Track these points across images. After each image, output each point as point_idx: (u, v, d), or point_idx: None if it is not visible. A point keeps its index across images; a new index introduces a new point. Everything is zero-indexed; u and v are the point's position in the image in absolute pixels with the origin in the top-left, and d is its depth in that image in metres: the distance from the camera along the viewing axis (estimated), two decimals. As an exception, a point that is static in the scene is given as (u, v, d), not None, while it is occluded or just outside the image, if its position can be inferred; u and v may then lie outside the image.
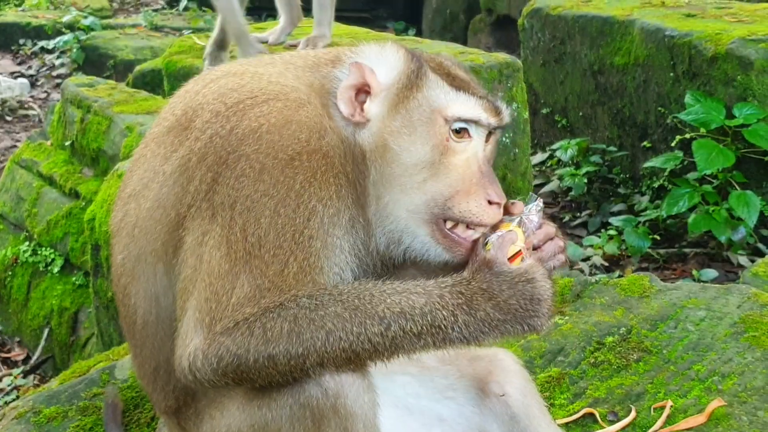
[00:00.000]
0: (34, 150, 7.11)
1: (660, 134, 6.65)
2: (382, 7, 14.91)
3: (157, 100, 6.50)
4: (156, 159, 2.41)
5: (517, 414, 2.65)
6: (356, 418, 2.23)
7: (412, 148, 2.35)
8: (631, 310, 3.85)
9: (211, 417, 2.42)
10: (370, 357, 2.21)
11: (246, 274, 2.19)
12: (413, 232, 2.38)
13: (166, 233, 2.35)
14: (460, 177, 2.35)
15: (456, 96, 2.39)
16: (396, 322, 2.17)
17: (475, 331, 2.22)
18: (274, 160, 2.22)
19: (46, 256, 6.42)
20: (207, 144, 2.28)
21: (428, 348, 2.22)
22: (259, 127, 2.25)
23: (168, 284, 2.39)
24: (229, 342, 2.17)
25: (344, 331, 2.16)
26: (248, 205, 2.21)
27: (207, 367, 2.18)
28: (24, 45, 13.48)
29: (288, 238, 2.20)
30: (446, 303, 2.20)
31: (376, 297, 2.20)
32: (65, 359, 6.13)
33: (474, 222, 2.35)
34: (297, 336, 2.15)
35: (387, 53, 2.42)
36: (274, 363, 2.16)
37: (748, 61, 5.96)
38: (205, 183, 2.26)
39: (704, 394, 3.34)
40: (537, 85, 7.86)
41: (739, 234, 5.76)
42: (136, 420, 3.53)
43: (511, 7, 11.57)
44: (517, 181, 5.89)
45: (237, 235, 2.20)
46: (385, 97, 2.39)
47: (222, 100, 2.34)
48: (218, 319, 2.18)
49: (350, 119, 2.38)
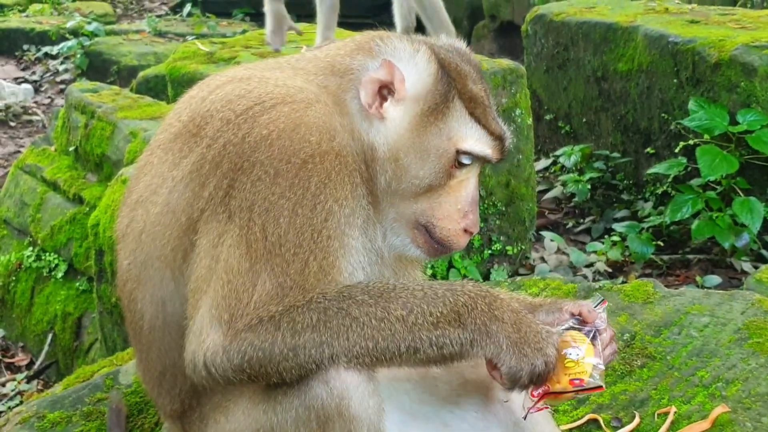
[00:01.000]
0: (37, 155, 7.12)
1: (663, 140, 6.65)
2: (387, 12, 14.90)
3: (160, 106, 6.51)
4: (164, 165, 2.42)
5: (520, 420, 2.64)
6: (360, 421, 2.23)
7: (420, 170, 2.42)
8: (635, 316, 3.85)
9: (216, 421, 2.43)
10: (389, 347, 2.23)
11: (267, 272, 2.21)
12: (397, 231, 2.49)
13: (175, 238, 2.36)
14: (451, 200, 2.46)
15: (474, 131, 2.47)
16: (418, 307, 2.23)
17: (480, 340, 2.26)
18: (287, 165, 2.24)
19: (50, 262, 6.42)
20: (221, 152, 2.30)
21: (444, 341, 2.24)
22: (269, 134, 2.27)
23: (175, 289, 2.40)
24: (253, 337, 2.19)
25: (368, 317, 2.20)
26: (266, 206, 2.23)
27: (226, 363, 2.20)
28: (28, 51, 13.53)
29: (307, 238, 2.23)
30: (468, 291, 2.30)
31: (398, 287, 2.27)
32: (69, 364, 6.13)
33: (444, 243, 2.48)
34: (324, 325, 2.19)
35: (419, 62, 2.43)
36: (295, 354, 2.18)
37: (751, 68, 5.95)
38: (221, 189, 2.28)
39: (708, 400, 3.34)
40: (540, 91, 7.86)
41: (743, 240, 5.75)
42: (140, 425, 3.53)
43: (515, 13, 11.58)
44: (521, 187, 5.88)
45: (257, 234, 2.22)
46: (407, 110, 2.43)
47: (230, 107, 2.35)
48: (239, 316, 2.20)
49: (367, 109, 2.41)
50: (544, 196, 7.23)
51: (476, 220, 2.50)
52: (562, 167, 7.44)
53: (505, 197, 5.81)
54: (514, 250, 5.87)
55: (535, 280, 4.30)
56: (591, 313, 2.43)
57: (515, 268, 5.92)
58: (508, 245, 5.85)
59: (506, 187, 5.82)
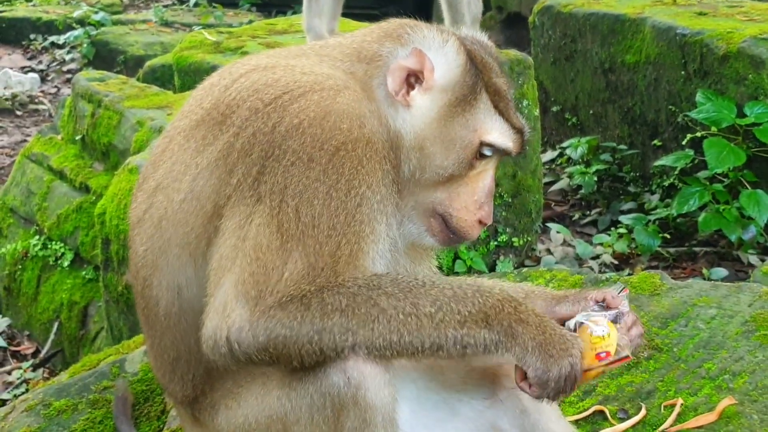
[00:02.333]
0: (44, 144, 7.13)
1: (671, 133, 6.64)
2: (393, 4, 14.87)
3: (167, 95, 6.51)
4: (186, 152, 2.41)
5: (527, 408, 2.64)
6: (376, 410, 2.24)
7: (445, 160, 2.44)
8: (642, 307, 3.85)
9: (228, 407, 2.43)
10: (413, 341, 2.22)
11: (299, 251, 2.21)
12: (413, 219, 2.50)
13: (200, 225, 2.35)
14: (469, 191, 2.48)
15: (498, 123, 2.49)
16: (447, 305, 2.23)
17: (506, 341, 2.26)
18: (320, 151, 2.24)
19: (56, 250, 6.43)
20: (250, 140, 2.29)
21: (467, 339, 2.24)
22: (300, 123, 2.26)
23: (194, 275, 2.39)
24: (282, 315, 2.17)
25: (395, 309, 2.20)
26: (300, 189, 2.23)
27: (251, 339, 2.18)
28: (35, 40, 13.53)
29: (341, 221, 2.23)
30: (493, 292, 2.30)
31: (428, 284, 2.27)
32: (75, 353, 6.15)
33: (459, 233, 2.50)
34: (352, 311, 2.18)
35: (448, 52, 2.43)
36: (320, 338, 2.18)
37: (759, 60, 5.94)
38: (251, 175, 2.27)
39: (715, 392, 3.33)
40: (547, 82, 7.85)
41: (750, 233, 5.74)
42: (146, 413, 3.54)
43: (522, 4, 11.54)
44: (527, 179, 5.88)
45: (289, 215, 2.21)
46: (435, 100, 2.43)
47: (258, 96, 2.34)
48: (269, 293, 2.19)
49: (393, 97, 2.41)
50: (551, 187, 7.23)
51: (491, 211, 2.52)
52: (568, 159, 7.43)
53: (511, 189, 5.81)
54: (520, 241, 5.86)
55: (541, 271, 4.30)
56: (615, 299, 2.50)
57: (521, 259, 5.92)
58: (514, 237, 5.84)
59: (513, 179, 5.81)
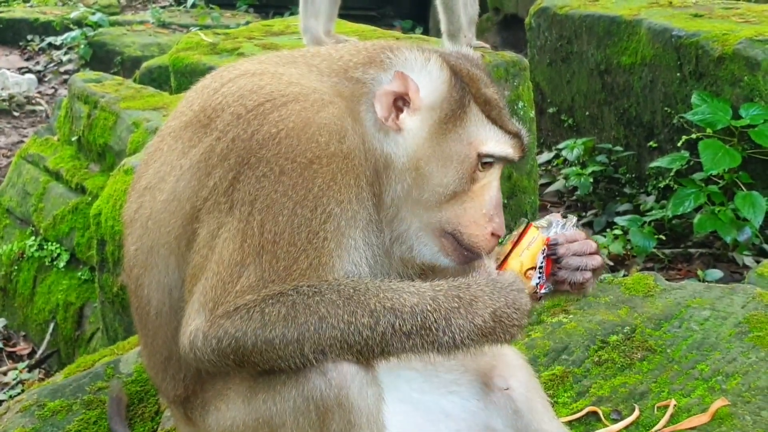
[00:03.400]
0: (40, 145, 7.13)
1: (666, 134, 6.65)
2: (390, 5, 14.90)
3: (163, 97, 6.51)
4: (173, 153, 2.43)
5: (520, 408, 2.65)
6: (360, 411, 2.24)
7: (444, 178, 2.42)
8: (636, 309, 3.85)
9: (217, 408, 2.44)
10: (362, 351, 2.22)
11: (255, 266, 2.23)
12: (424, 241, 2.48)
13: (180, 226, 2.38)
14: (476, 205, 2.46)
15: (492, 132, 2.48)
16: (385, 317, 2.20)
17: (468, 337, 2.24)
18: (293, 164, 2.25)
19: (52, 251, 6.43)
20: (229, 145, 2.31)
21: (418, 350, 2.24)
22: (278, 132, 2.27)
23: (179, 277, 2.42)
24: (227, 324, 2.21)
25: (335, 318, 2.19)
26: (268, 203, 2.24)
27: (207, 347, 2.24)
28: (32, 41, 13.52)
29: (302, 238, 2.24)
30: (439, 305, 2.23)
31: (370, 290, 2.23)
32: (70, 354, 6.15)
33: (474, 249, 2.45)
34: (292, 320, 2.19)
35: (432, 70, 2.42)
36: (272, 346, 2.20)
37: (755, 62, 5.95)
38: (226, 180, 2.29)
39: (708, 393, 3.34)
40: (543, 84, 7.86)
41: (745, 234, 5.75)
42: (140, 414, 3.54)
43: (519, 6, 11.56)
44: (523, 180, 5.89)
45: (254, 230, 2.24)
46: (425, 119, 2.42)
47: (242, 102, 2.35)
48: (220, 304, 2.23)
49: (383, 123, 2.39)
50: (547, 189, 7.24)
51: (502, 222, 2.49)
52: (564, 160, 7.44)
53: (507, 190, 5.81)
54: (516, 242, 5.86)
55: (536, 272, 4.30)
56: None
57: (517, 260, 5.91)
58: (510, 238, 5.84)
59: (508, 180, 5.82)
